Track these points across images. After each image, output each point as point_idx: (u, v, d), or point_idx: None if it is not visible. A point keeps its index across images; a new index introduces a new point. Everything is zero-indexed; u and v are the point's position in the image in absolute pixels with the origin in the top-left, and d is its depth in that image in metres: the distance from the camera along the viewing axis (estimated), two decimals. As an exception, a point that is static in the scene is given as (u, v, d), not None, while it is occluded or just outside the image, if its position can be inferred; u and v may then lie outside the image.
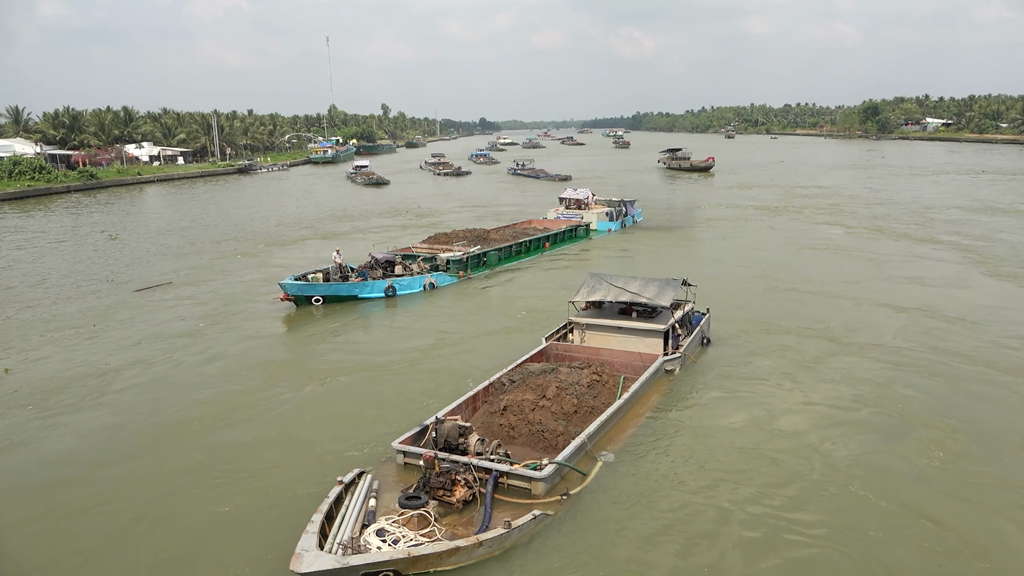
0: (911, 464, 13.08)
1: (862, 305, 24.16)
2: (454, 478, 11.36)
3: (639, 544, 10.78)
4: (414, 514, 10.66)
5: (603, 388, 15.71)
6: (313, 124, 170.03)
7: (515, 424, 13.90)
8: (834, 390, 16.61)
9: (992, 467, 13.02)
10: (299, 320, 24.09)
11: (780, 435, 14.32)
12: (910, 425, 14.71)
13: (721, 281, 27.11)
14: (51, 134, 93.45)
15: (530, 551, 10.50)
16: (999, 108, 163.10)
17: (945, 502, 11.83)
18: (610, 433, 13.99)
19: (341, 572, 9.20)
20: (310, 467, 13.21)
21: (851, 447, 13.76)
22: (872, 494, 11.95)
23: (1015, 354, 19.00)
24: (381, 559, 9.51)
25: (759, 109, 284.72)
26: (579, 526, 11.15)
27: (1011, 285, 27.26)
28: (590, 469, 12.59)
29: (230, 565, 10.39)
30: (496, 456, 12.36)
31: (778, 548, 10.59)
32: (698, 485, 12.40)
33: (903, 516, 11.38)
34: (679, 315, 19.02)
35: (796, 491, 12.13)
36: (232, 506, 12.00)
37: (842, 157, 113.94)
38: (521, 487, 11.66)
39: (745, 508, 11.61)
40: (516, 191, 68.80)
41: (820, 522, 11.19)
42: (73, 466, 13.70)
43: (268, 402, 16.65)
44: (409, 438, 12.92)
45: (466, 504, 11.21)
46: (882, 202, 53.68)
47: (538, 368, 16.24)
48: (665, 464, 13.15)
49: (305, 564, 9.09)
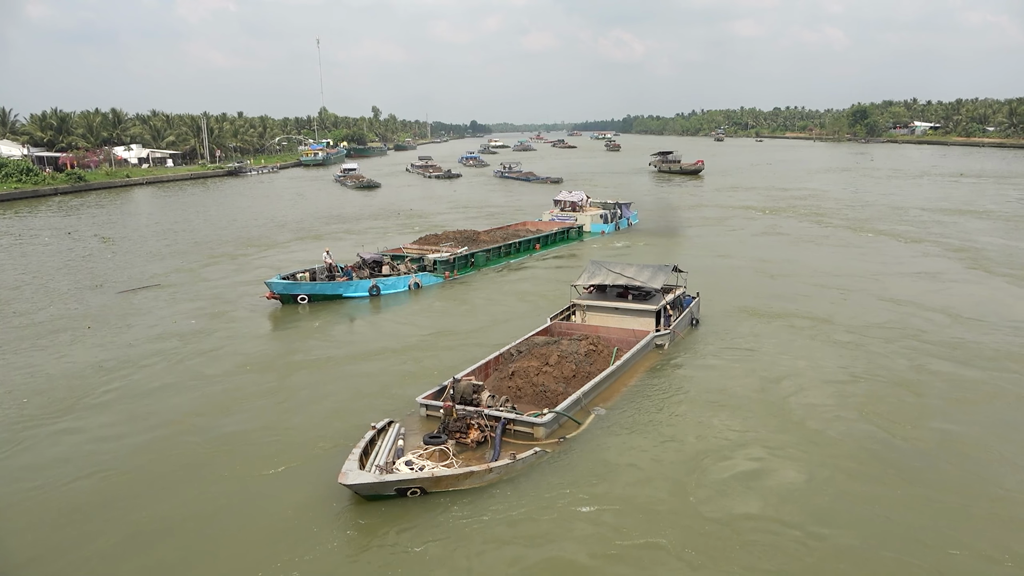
0: (858, 412, 15.71)
1: (840, 292, 26.49)
2: (469, 423, 13.64)
3: (621, 477, 12.92)
4: (435, 449, 12.89)
5: (599, 357, 17.71)
6: (304, 126, 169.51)
7: (522, 386, 15.86)
8: (804, 360, 18.98)
9: (925, 404, 16.13)
10: (284, 317, 24.46)
11: (752, 393, 16.65)
12: (863, 387, 17.18)
13: (712, 273, 29.18)
14: (38, 136, 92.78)
15: (531, 479, 12.70)
16: (986, 112, 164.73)
17: (883, 434, 14.75)
18: (603, 393, 16.16)
19: (378, 486, 11.66)
20: (337, 426, 15.10)
21: (811, 399, 16.33)
22: (825, 430, 14.86)
23: (960, 326, 21.67)
24: (410, 477, 11.88)
25: (749, 112, 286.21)
26: (572, 462, 13.35)
27: (959, 266, 30.73)
28: (584, 420, 14.74)
29: (297, 484, 12.80)
30: (505, 408, 14.37)
31: (739, 478, 12.88)
32: (674, 434, 14.63)
33: (845, 441, 14.43)
34: (670, 298, 21.18)
35: (762, 435, 14.51)
36: (287, 452, 14.09)
37: (830, 160, 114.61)
38: (525, 432, 13.86)
39: (714, 452, 13.83)
40: (506, 194, 68.86)
41: (774, 456, 13.73)
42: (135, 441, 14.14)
43: (284, 385, 17.90)
44: (431, 394, 15.00)
45: (479, 445, 13.46)
46: (864, 204, 54.44)
47: (542, 340, 18.56)
48: (648, 418, 15.35)
49: (350, 478, 11.55)
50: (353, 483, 11.50)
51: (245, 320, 24.08)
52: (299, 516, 11.66)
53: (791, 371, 18.09)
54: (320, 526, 11.40)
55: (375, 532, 11.24)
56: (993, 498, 12.16)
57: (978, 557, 10.61)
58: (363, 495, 11.80)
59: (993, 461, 13.53)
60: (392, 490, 11.78)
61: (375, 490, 11.73)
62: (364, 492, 11.74)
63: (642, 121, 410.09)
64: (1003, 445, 14.11)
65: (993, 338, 20.61)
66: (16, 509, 12.29)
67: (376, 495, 11.81)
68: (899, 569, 10.27)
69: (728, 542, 10.87)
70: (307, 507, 11.92)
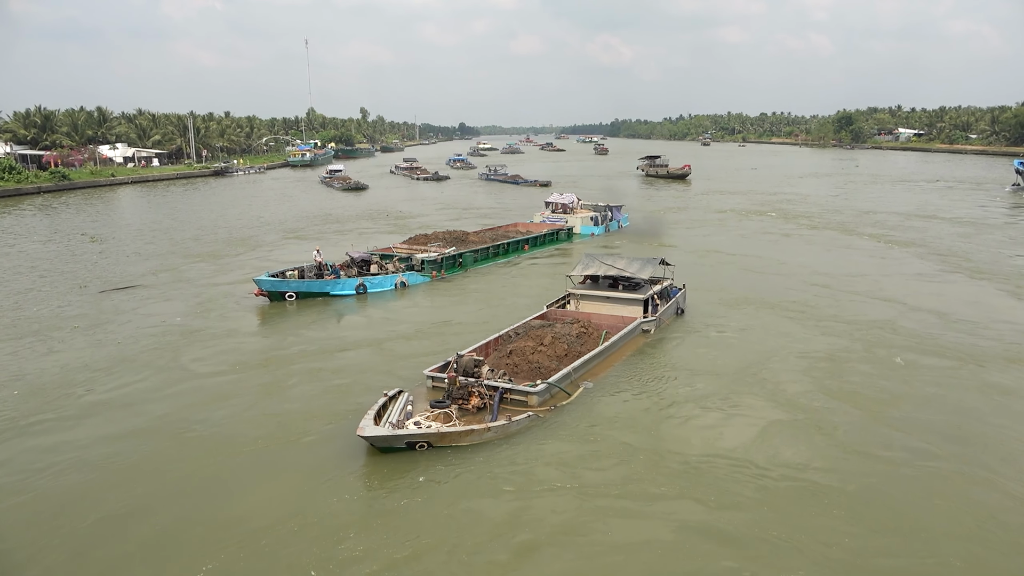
0: (816, 379, 18.02)
1: (814, 286, 28.50)
2: (471, 391, 15.28)
3: (605, 438, 14.59)
4: (440, 412, 14.74)
5: (589, 339, 19.42)
6: (291, 127, 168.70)
7: (519, 363, 17.29)
8: (778, 341, 20.91)
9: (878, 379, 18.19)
10: (273, 314, 24.70)
11: (728, 369, 18.42)
12: (826, 361, 19.37)
13: (699, 270, 30.94)
14: (22, 134, 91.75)
15: (524, 438, 14.41)
16: (968, 119, 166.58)
17: (836, 402, 16.63)
18: (592, 370, 17.77)
19: (391, 438, 13.47)
20: (343, 402, 16.41)
21: (779, 370, 18.49)
22: (790, 392, 17.13)
23: (916, 314, 23.68)
24: (419, 432, 13.78)
25: (736, 117, 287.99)
26: (561, 425, 15.00)
27: (922, 263, 31.43)
28: (574, 392, 16.29)
29: (328, 438, 14.56)
30: (503, 380, 15.87)
31: (706, 431, 14.90)
32: (653, 402, 16.41)
33: (802, 400, 16.72)
34: (657, 288, 22.88)
35: (734, 400, 16.40)
36: (310, 413, 15.86)
37: (815, 166, 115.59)
38: (520, 400, 15.39)
39: (688, 415, 15.66)
40: (492, 196, 68.91)
41: (742, 415, 15.87)
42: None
43: (277, 375, 18.67)
44: (436, 368, 16.39)
45: (479, 410, 15.06)
46: (840, 209, 55.00)
47: (538, 324, 20.35)
48: (631, 390, 17.08)
49: (367, 431, 13.36)
50: (369, 435, 13.31)
51: (233, 316, 24.23)
52: (323, 465, 13.43)
53: (766, 350, 19.99)
54: (341, 473, 13.12)
55: (388, 478, 12.98)
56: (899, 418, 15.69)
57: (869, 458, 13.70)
58: (378, 447, 13.55)
59: (919, 406, 16.40)
60: (403, 443, 13.60)
61: (388, 443, 13.51)
62: (379, 444, 13.50)
63: (630, 125, 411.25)
64: (924, 387, 17.37)
65: (938, 321, 23.23)
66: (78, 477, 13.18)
67: (389, 447, 13.59)
68: (837, 497, 12.35)
69: (695, 479, 12.88)
70: (330, 459, 13.71)
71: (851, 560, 10.59)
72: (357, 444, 13.75)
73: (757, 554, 10.68)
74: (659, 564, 10.56)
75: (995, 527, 11.47)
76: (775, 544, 10.89)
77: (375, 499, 12.44)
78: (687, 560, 10.61)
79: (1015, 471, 13.26)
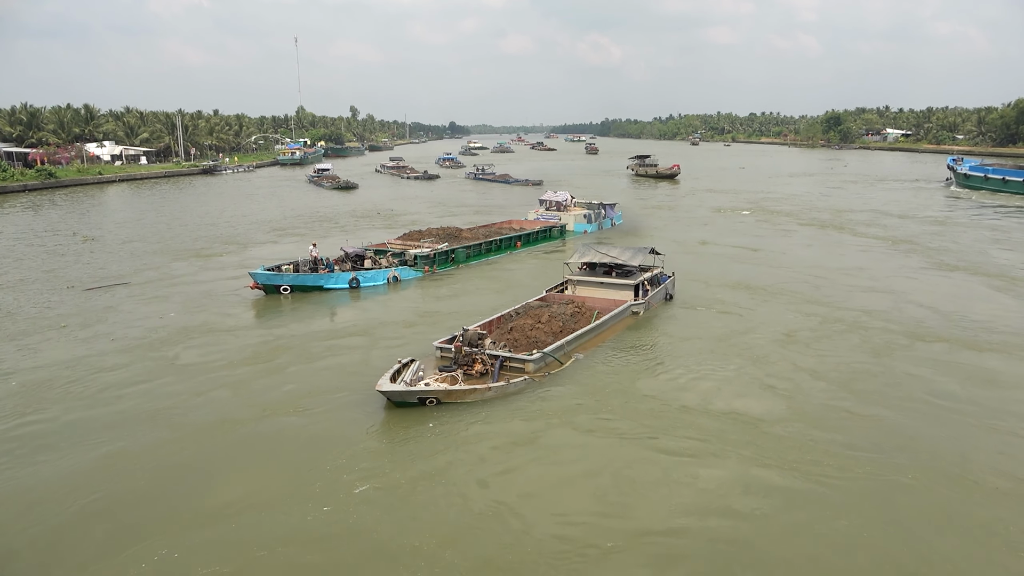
0: (793, 349, 20.54)
1: (795, 274, 30.28)
2: (475, 358, 17.33)
3: (592, 398, 16.63)
4: (448, 375, 16.74)
5: (582, 318, 21.43)
6: (281, 125, 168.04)
7: (518, 338, 19.18)
8: (760, 320, 22.97)
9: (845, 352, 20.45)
10: (269, 306, 25.24)
11: (710, 344, 20.50)
12: (803, 335, 21.69)
13: (687, 261, 32.38)
14: (7, 131, 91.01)
15: (521, 397, 16.57)
16: (955, 120, 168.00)
17: (822, 369, 19.20)
18: (584, 344, 19.90)
19: (405, 393, 15.69)
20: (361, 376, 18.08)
21: (758, 342, 20.76)
22: (765, 359, 19.59)
23: (887, 295, 24.51)
24: (429, 389, 16.00)
25: (725, 117, 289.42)
26: (554, 388, 17.09)
27: (893, 252, 32.01)
28: (567, 361, 18.41)
29: (354, 393, 16.78)
30: (503, 351, 17.97)
31: (685, 391, 17.11)
32: (637, 371, 18.56)
33: (776, 364, 19.31)
34: (648, 275, 25.05)
35: (714, 368, 18.54)
36: (339, 382, 17.72)
37: (803, 166, 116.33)
38: (519, 367, 17.53)
39: (669, 380, 17.81)
40: (481, 196, 68.93)
41: (719, 379, 18.25)
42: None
43: (301, 357, 19.92)
44: (444, 340, 18.36)
45: (481, 376, 17.11)
46: (820, 208, 55.61)
47: (537, 305, 22.42)
48: (618, 364, 19.03)
49: (384, 387, 15.59)
50: (386, 390, 15.51)
51: (231, 308, 24.64)
52: (349, 417, 15.59)
53: (747, 327, 22.23)
54: (366, 421, 15.40)
55: (403, 424, 15.15)
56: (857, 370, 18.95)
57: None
58: (393, 401, 15.75)
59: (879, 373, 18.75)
60: (415, 399, 15.74)
61: (402, 397, 15.67)
62: (394, 399, 15.69)
63: (620, 125, 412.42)
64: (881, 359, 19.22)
65: (906, 302, 25.64)
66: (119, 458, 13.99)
67: (403, 402, 15.74)
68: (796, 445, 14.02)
69: (660, 417, 15.48)
70: (355, 413, 15.82)
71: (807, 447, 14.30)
72: (375, 402, 15.97)
73: (696, 458, 13.79)
74: (619, 474, 13.22)
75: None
76: (716, 454, 13.93)
77: (393, 437, 14.79)
78: (643, 469, 13.37)
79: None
